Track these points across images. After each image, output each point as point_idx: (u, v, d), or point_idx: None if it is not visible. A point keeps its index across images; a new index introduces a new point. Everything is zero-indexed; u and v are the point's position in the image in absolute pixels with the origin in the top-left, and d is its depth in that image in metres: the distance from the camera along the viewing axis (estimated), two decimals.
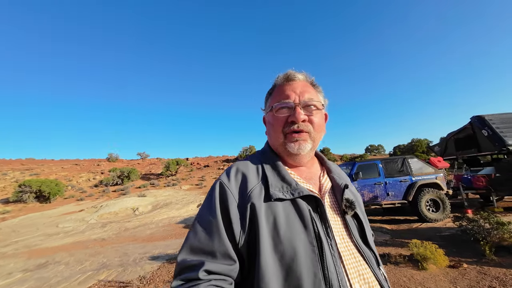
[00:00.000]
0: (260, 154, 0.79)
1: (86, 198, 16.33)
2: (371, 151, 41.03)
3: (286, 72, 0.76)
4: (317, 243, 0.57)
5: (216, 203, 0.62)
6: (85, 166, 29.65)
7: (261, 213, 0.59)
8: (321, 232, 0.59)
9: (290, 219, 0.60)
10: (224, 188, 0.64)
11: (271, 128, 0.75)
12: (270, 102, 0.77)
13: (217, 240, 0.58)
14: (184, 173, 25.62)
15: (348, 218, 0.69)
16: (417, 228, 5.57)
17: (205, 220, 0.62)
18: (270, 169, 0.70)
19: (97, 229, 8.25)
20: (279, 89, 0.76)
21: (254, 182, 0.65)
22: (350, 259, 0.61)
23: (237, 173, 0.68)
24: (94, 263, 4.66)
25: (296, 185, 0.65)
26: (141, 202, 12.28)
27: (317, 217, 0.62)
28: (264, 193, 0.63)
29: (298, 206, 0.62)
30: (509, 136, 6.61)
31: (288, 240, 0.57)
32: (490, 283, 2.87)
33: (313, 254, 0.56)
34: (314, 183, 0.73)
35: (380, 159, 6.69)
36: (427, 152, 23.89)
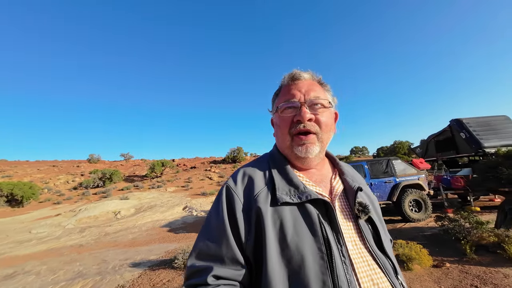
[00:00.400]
0: (268, 156, 0.77)
1: (64, 201, 15.45)
2: (356, 152, 42.12)
3: (292, 71, 0.75)
4: (326, 250, 0.55)
5: (223, 208, 0.62)
6: (64, 168, 28.16)
7: (268, 218, 0.58)
8: (331, 238, 0.57)
9: (298, 224, 0.58)
10: (231, 192, 0.64)
11: (278, 130, 0.73)
12: (276, 103, 0.76)
13: (225, 245, 0.58)
14: (169, 174, 24.97)
15: (362, 222, 0.64)
16: (401, 228, 5.69)
17: (213, 224, 0.62)
18: (277, 172, 0.68)
19: (75, 235, 7.78)
20: (285, 89, 0.74)
21: (261, 186, 0.64)
22: (363, 266, 0.57)
23: (243, 177, 0.68)
24: (69, 272, 4.35)
25: (304, 188, 0.62)
26: (123, 205, 11.79)
27: (326, 222, 0.59)
28: (270, 197, 0.62)
29: (306, 210, 0.60)
30: (485, 139, 6.96)
31: (295, 246, 0.55)
32: (472, 282, 2.94)
33: (322, 260, 0.54)
34: (324, 186, 0.70)
35: (366, 161, 6.80)
36: (409, 154, 24.85)
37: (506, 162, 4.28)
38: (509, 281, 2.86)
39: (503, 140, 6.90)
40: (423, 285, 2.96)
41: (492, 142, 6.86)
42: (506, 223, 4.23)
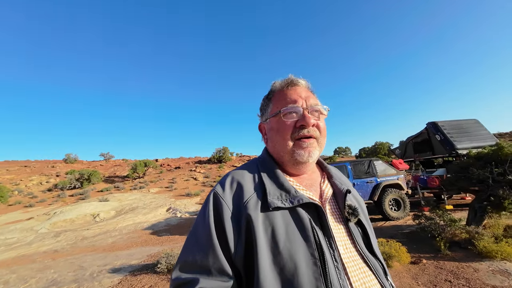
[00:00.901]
0: (257, 161, 0.75)
1: (37, 204, 14.50)
2: (339, 153, 43.26)
3: (288, 77, 0.75)
4: (319, 255, 0.54)
5: (210, 216, 0.59)
6: (37, 168, 26.45)
7: (259, 225, 0.56)
8: (323, 243, 0.56)
9: (290, 229, 0.57)
10: (219, 199, 0.61)
11: (277, 135, 0.70)
12: (273, 107, 0.73)
13: (212, 255, 0.56)
14: (153, 175, 24.24)
15: (352, 225, 0.65)
16: (381, 227, 5.91)
17: (199, 234, 0.59)
18: (268, 177, 0.66)
19: (48, 240, 7.32)
20: (283, 94, 0.73)
21: (251, 191, 0.62)
22: (355, 270, 0.58)
23: (232, 182, 0.65)
24: (42, 280, 4.07)
25: (296, 192, 0.62)
26: (103, 207, 11.28)
27: (318, 226, 0.59)
28: (261, 202, 0.60)
29: (298, 215, 0.59)
30: (458, 141, 7.41)
31: (288, 253, 0.54)
32: (446, 277, 3.11)
33: (315, 266, 0.53)
34: (315, 190, 0.70)
35: (349, 161, 6.99)
36: (388, 154, 25.92)
37: (476, 163, 4.58)
38: (478, 275, 3.06)
39: (473, 142, 7.39)
40: (402, 282, 3.09)
41: (464, 144, 7.33)
42: (476, 220, 4.52)
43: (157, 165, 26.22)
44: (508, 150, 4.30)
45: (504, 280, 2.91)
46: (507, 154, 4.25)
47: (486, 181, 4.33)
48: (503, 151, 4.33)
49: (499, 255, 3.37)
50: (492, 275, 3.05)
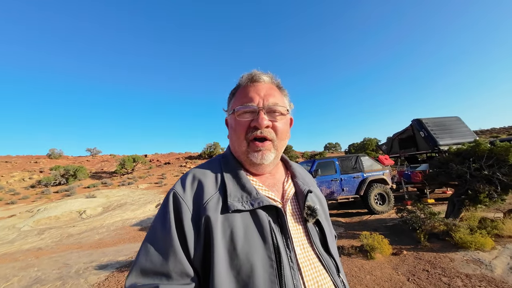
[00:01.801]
0: (220, 158, 0.73)
1: (19, 201, 14.00)
2: (329, 148, 43.98)
3: (251, 72, 0.71)
4: (276, 257, 0.55)
5: (170, 217, 0.57)
6: (19, 164, 25.42)
7: (217, 227, 0.55)
8: (281, 245, 0.57)
9: (249, 232, 0.56)
10: (178, 199, 0.59)
11: (233, 133, 0.69)
12: (232, 104, 0.71)
13: (172, 258, 0.53)
14: (142, 171, 23.84)
15: (310, 225, 0.66)
16: (367, 220, 6.11)
17: (158, 236, 0.56)
18: (230, 177, 0.65)
19: (32, 237, 7.11)
20: (243, 90, 0.70)
21: (211, 192, 0.60)
22: (309, 270, 0.59)
23: (193, 181, 0.63)
24: (25, 278, 3.97)
25: (257, 194, 0.61)
26: (89, 204, 11.03)
27: (277, 228, 0.59)
28: (221, 203, 0.59)
29: (258, 217, 0.58)
30: (441, 138, 7.70)
31: (245, 255, 0.53)
32: (424, 267, 3.27)
33: (271, 269, 0.53)
34: (277, 190, 0.70)
35: (337, 157, 7.15)
36: (376, 150, 26.59)
37: (456, 159, 4.79)
38: (454, 265, 3.24)
39: (454, 139, 7.70)
40: (383, 272, 3.23)
41: (446, 141, 7.63)
42: (454, 213, 4.76)
43: (146, 160, 25.81)
44: (484, 147, 4.51)
45: (477, 268, 3.09)
46: (483, 151, 4.46)
47: (464, 176, 4.55)
48: (480, 147, 4.54)
49: (473, 245, 3.57)
50: (466, 264, 3.24)
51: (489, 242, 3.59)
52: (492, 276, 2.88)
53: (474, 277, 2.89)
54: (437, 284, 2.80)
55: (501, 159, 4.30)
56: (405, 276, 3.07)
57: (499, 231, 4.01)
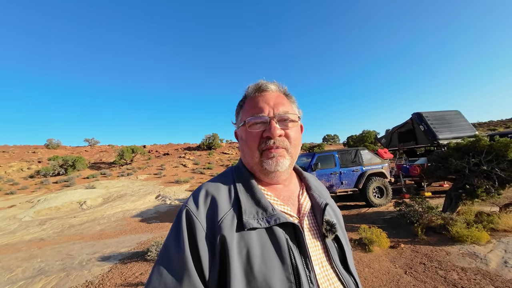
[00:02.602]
0: (233, 171, 0.71)
1: (19, 191, 14.01)
2: (328, 140, 44.04)
3: (257, 82, 0.71)
4: (295, 279, 0.52)
5: (184, 237, 0.55)
6: (16, 154, 25.28)
7: (233, 246, 0.53)
8: (299, 265, 0.54)
9: (266, 251, 0.54)
10: (192, 218, 0.57)
11: (245, 145, 0.68)
12: (242, 116, 0.70)
13: (187, 280, 0.51)
14: (140, 161, 23.83)
15: (329, 241, 0.63)
16: (365, 213, 6.21)
17: (172, 257, 0.54)
18: (244, 191, 0.63)
19: (33, 228, 7.17)
20: (251, 101, 0.69)
21: (226, 209, 0.58)
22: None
23: (206, 197, 0.61)
24: (29, 269, 4.03)
25: (273, 210, 0.58)
26: (89, 194, 11.08)
27: (295, 246, 0.57)
28: (236, 221, 0.56)
29: (275, 235, 0.56)
30: (440, 132, 7.72)
31: (262, 277, 0.51)
32: (421, 260, 3.36)
33: None
34: (292, 204, 0.67)
35: (337, 150, 7.17)
36: (375, 143, 26.67)
37: (455, 154, 4.82)
38: (450, 258, 3.33)
39: (454, 133, 7.74)
40: (381, 265, 3.31)
41: (445, 135, 7.66)
42: (452, 207, 4.84)
43: (145, 151, 25.74)
44: (484, 142, 4.54)
45: (472, 262, 3.18)
46: (483, 146, 4.49)
47: (462, 171, 4.60)
48: (480, 143, 4.56)
49: (469, 239, 3.66)
50: (461, 257, 3.32)
51: (484, 236, 3.67)
52: (487, 269, 2.97)
53: (469, 271, 2.97)
54: (434, 277, 2.88)
55: (500, 154, 4.33)
56: (403, 269, 3.15)
57: (494, 225, 4.09)
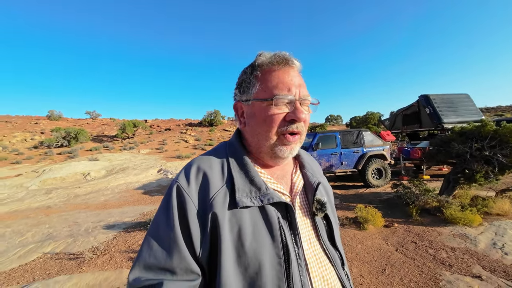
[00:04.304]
0: (227, 147, 0.67)
1: (24, 161, 14.31)
2: (331, 120, 43.64)
3: (280, 53, 0.61)
4: (284, 255, 0.54)
5: (174, 212, 0.54)
6: (19, 124, 25.41)
7: (225, 223, 0.53)
8: (289, 242, 0.56)
9: (257, 229, 0.55)
10: (183, 194, 0.56)
11: (262, 125, 0.61)
12: (260, 89, 0.61)
13: (176, 255, 0.52)
14: (142, 136, 23.96)
15: (318, 219, 0.65)
16: (362, 193, 6.34)
17: (162, 232, 0.55)
18: (238, 169, 0.61)
19: (40, 196, 7.43)
20: (274, 74, 0.60)
21: (218, 186, 0.57)
22: (315, 265, 0.59)
23: (197, 173, 0.59)
24: (38, 234, 4.25)
25: (266, 189, 0.58)
26: (93, 166, 11.31)
27: (286, 224, 0.58)
28: (229, 198, 0.56)
29: (267, 213, 0.56)
30: (446, 115, 7.58)
31: (253, 253, 0.52)
32: (413, 239, 3.48)
33: (279, 266, 0.53)
34: (285, 183, 0.67)
35: (339, 131, 7.12)
36: (378, 125, 26.42)
37: (458, 139, 4.76)
38: (440, 238, 3.44)
39: (460, 117, 7.59)
40: (373, 242, 3.44)
41: (450, 118, 7.52)
42: (448, 190, 4.91)
43: (146, 126, 25.72)
44: (490, 128, 4.45)
45: (462, 242, 3.29)
46: (488, 131, 4.41)
47: (463, 156, 4.58)
48: (485, 128, 4.48)
49: (462, 221, 3.75)
50: (452, 238, 3.44)
51: (477, 219, 3.76)
52: (475, 250, 3.08)
53: (458, 250, 3.09)
54: (423, 255, 3.01)
55: (504, 140, 4.27)
56: (394, 247, 3.28)
57: (489, 209, 4.17)
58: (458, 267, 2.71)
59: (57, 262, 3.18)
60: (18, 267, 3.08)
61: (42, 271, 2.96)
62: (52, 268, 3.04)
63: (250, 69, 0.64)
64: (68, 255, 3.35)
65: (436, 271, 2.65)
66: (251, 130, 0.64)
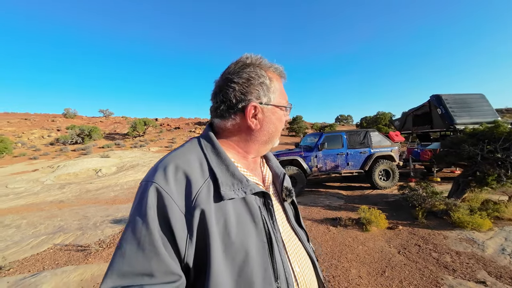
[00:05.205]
0: (201, 143, 0.65)
1: (41, 157, 14.99)
2: (341, 121, 43.00)
3: (279, 66, 0.72)
4: (267, 239, 0.59)
5: (151, 214, 0.51)
6: (37, 122, 26.58)
7: (211, 218, 0.53)
8: (270, 228, 0.61)
9: (241, 219, 0.58)
10: (161, 194, 0.52)
11: (275, 130, 0.72)
12: (278, 97, 0.70)
13: (155, 258, 0.49)
14: (152, 134, 24.51)
15: (286, 204, 0.75)
16: (368, 195, 6.23)
17: (138, 235, 0.50)
18: (217, 163, 0.61)
19: (54, 191, 7.77)
20: (281, 86, 0.73)
21: (200, 182, 0.56)
22: (290, 244, 0.68)
23: (176, 171, 0.56)
24: (50, 226, 4.46)
25: (247, 181, 0.61)
26: (104, 163, 11.69)
27: (266, 212, 0.63)
28: (213, 193, 0.56)
29: (249, 204, 0.60)
30: (458, 116, 7.32)
31: (240, 242, 0.55)
32: (417, 242, 3.40)
33: (264, 250, 0.57)
34: (258, 175, 0.74)
35: (345, 131, 7.02)
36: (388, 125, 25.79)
37: (469, 140, 4.59)
38: (446, 242, 3.35)
39: (473, 118, 7.31)
40: (375, 244, 3.39)
41: (464, 119, 7.26)
42: (458, 193, 4.74)
43: (157, 124, 26.32)
44: (504, 129, 4.27)
45: (468, 247, 3.19)
46: (501, 133, 4.24)
47: (475, 158, 4.42)
48: (498, 129, 4.30)
49: (470, 225, 3.63)
50: (459, 242, 3.33)
51: (486, 223, 3.62)
52: (482, 255, 2.97)
53: (464, 255, 2.99)
54: (426, 258, 2.93)
55: None
56: (396, 249, 3.22)
57: (500, 213, 4.01)
58: (462, 272, 2.63)
59: (66, 253, 3.34)
60: (30, 257, 3.26)
61: (52, 261, 3.12)
62: (61, 258, 3.19)
63: (263, 72, 0.66)
64: (76, 247, 3.50)
65: (438, 275, 2.58)
66: (265, 131, 0.69)
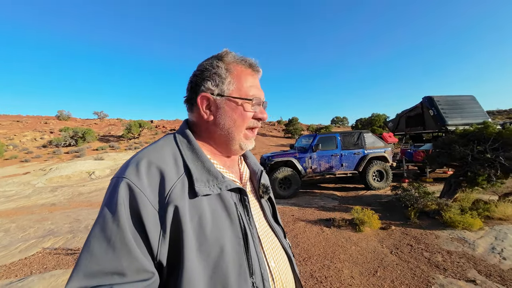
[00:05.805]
0: (176, 139, 0.64)
1: (33, 159, 14.73)
2: (336, 122, 43.34)
3: (249, 58, 0.68)
4: (243, 235, 0.58)
5: (122, 210, 0.49)
6: (29, 124, 26.15)
7: (186, 214, 0.52)
8: (246, 224, 0.60)
9: (216, 215, 0.57)
10: (133, 190, 0.50)
11: (233, 123, 0.65)
12: (236, 86, 0.64)
13: (126, 256, 0.47)
14: (148, 136, 24.33)
15: (263, 201, 0.75)
16: (362, 195, 6.27)
17: (108, 233, 0.48)
18: (192, 159, 0.59)
19: (46, 194, 7.64)
20: (249, 77, 0.67)
21: (174, 178, 0.54)
22: (266, 239, 0.68)
23: (149, 167, 0.54)
24: (40, 230, 4.37)
25: (223, 177, 0.60)
26: (98, 165, 11.55)
27: (242, 208, 0.63)
28: (187, 189, 0.55)
29: (224, 200, 0.60)
30: (450, 117, 7.44)
31: (215, 239, 0.54)
32: (409, 241, 3.43)
33: (239, 246, 0.57)
34: (235, 172, 0.73)
35: (339, 133, 7.07)
36: (383, 127, 26.06)
37: (460, 141, 4.67)
38: (438, 241, 3.38)
39: (465, 119, 7.43)
40: (368, 244, 3.41)
41: (455, 121, 7.38)
42: (450, 193, 4.81)
43: (152, 126, 26.13)
44: (493, 129, 4.36)
45: (459, 246, 3.23)
46: (491, 133, 4.32)
47: (465, 158, 4.48)
48: (488, 130, 4.39)
49: (461, 225, 3.67)
50: (450, 241, 3.37)
51: (477, 223, 3.68)
52: (473, 254, 3.01)
53: (455, 254, 3.02)
54: (418, 258, 2.96)
55: (508, 142, 4.17)
56: (389, 249, 3.24)
57: (490, 213, 4.07)
58: (453, 271, 2.65)
59: (55, 257, 3.27)
60: (18, 261, 3.18)
61: (40, 265, 3.05)
62: (50, 262, 3.12)
63: (220, 64, 0.64)
64: (66, 251, 3.43)
65: (429, 274, 2.61)
66: (220, 124, 0.65)
